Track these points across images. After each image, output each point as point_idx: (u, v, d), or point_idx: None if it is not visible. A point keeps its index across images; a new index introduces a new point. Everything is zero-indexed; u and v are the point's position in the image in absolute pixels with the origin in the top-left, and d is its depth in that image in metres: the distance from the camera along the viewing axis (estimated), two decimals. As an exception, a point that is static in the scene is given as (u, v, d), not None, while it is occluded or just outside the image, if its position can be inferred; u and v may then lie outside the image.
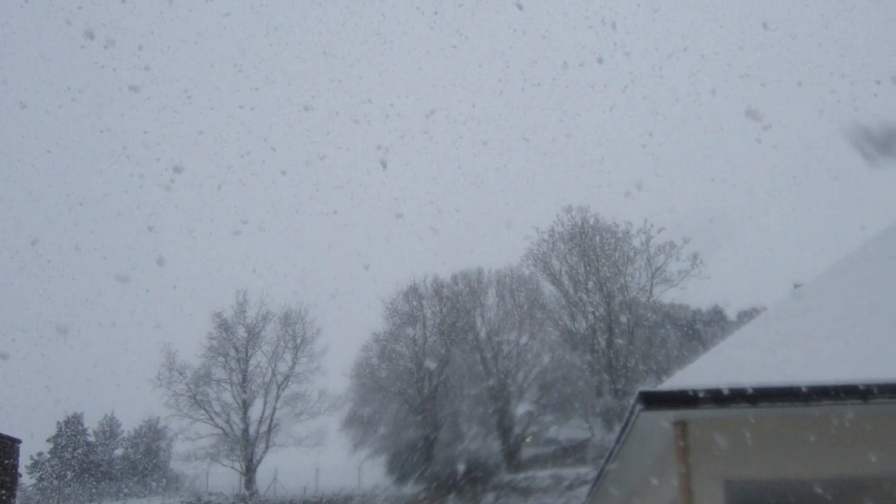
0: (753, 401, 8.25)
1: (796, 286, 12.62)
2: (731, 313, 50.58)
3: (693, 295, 51.86)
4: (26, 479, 52.40)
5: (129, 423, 59.78)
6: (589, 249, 49.95)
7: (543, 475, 43.98)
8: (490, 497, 43.32)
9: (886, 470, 8.56)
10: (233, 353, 52.03)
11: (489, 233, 70.58)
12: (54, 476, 54.15)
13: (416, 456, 46.79)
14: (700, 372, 9.45)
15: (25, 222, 69.34)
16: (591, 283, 50.14)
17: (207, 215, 72.94)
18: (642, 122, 69.46)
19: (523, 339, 49.10)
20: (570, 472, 42.96)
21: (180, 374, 51.09)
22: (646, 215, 49.21)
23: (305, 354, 52.79)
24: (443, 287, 51.97)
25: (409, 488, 46.56)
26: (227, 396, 51.69)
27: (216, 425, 50.95)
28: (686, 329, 51.43)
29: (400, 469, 47.80)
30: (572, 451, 45.87)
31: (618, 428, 10.96)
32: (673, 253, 48.94)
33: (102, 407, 59.03)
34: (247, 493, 49.35)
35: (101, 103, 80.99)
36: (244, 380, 51.87)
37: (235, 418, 51.40)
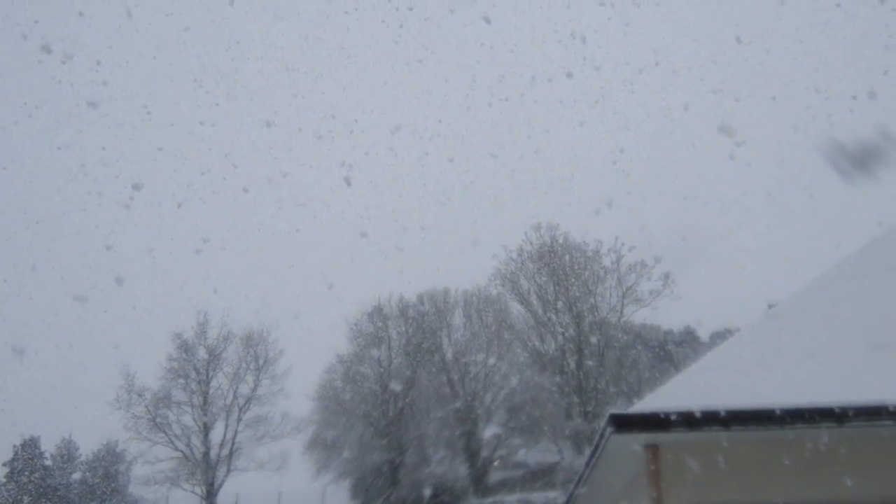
0: (726, 424, 8.18)
1: (770, 306, 12.50)
2: (703, 334, 50.77)
3: (665, 315, 51.84)
4: (-20, 504, 51.04)
5: (88, 447, 58.56)
6: (558, 269, 49.83)
7: (511, 499, 43.58)
8: (457, 521, 42.87)
9: (862, 494, 8.43)
10: (193, 374, 51.30)
11: (456, 252, 70.30)
12: (10, 501, 52.79)
13: (381, 480, 46.18)
14: (672, 394, 9.36)
15: (-20, 241, 67.72)
16: (560, 303, 49.98)
17: (167, 234, 71.90)
18: (613, 138, 69.87)
19: (491, 361, 48.81)
20: (538, 497, 42.60)
21: (139, 396, 50.26)
22: (616, 234, 49.20)
23: (268, 376, 52.21)
24: (408, 307, 51.62)
25: (374, 513, 45.94)
26: (187, 419, 50.90)
27: (176, 448, 50.12)
28: (658, 350, 51.47)
29: (365, 493, 47.18)
30: (541, 475, 45.47)
31: (588, 451, 10.73)
32: (644, 272, 48.93)
33: (60, 430, 57.83)
34: (207, 518, 48.40)
35: (59, 119, 79.66)
36: (205, 402, 51.09)
37: (196, 441, 50.56)
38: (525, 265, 51.18)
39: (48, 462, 57.35)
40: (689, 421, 8.11)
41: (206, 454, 50.35)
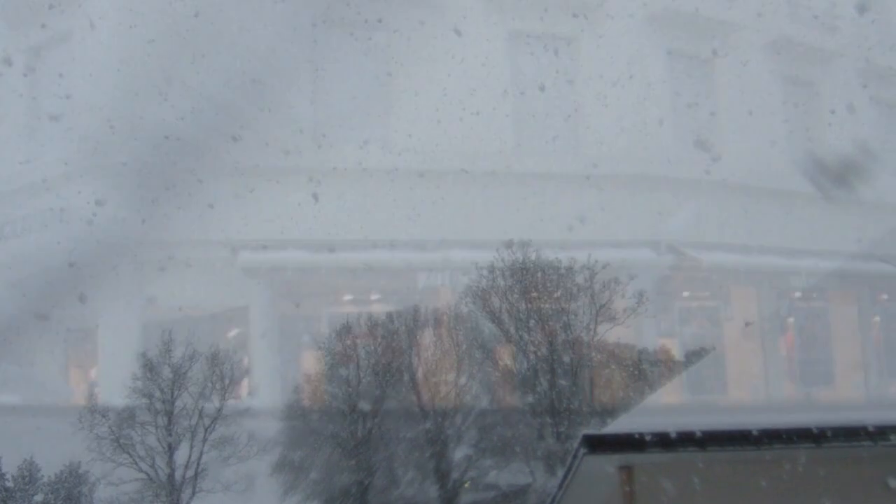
0: (702, 445, 8.02)
1: (747, 324, 12.44)
2: (678, 353, 50.78)
3: (639, 334, 51.69)
4: (-65, 530, 49.73)
5: (49, 468, 57.34)
6: (530, 286, 49.71)
7: (481, 520, 43.23)
8: (426, 544, 42.46)
9: (840, 517, 8.30)
10: (158, 394, 50.45)
11: (425, 268, 69.97)
12: (-34, 525, 51.48)
13: (349, 502, 45.52)
14: (647, 414, 9.13)
15: (-59, 258, 66.27)
16: (532, 322, 49.80)
17: (131, 251, 70.59)
18: (586, 152, 70.07)
19: (462, 380, 48.47)
20: (508, 517, 42.30)
21: (103, 416, 49.31)
22: (590, 250, 49.11)
23: (234, 396, 51.48)
24: (377, 325, 51.20)
25: (343, 535, 45.45)
26: (151, 440, 49.98)
27: (140, 470, 49.13)
28: (632, 370, 51.50)
29: (333, 515, 46.62)
30: (512, 497, 45.01)
31: (560, 473, 10.56)
32: (618, 290, 48.91)
33: (21, 451, 56.57)
34: (171, 541, 47.59)
35: (21, 133, 78.62)
36: (169, 422, 50.19)
37: (160, 462, 49.52)
38: (496, 283, 51.06)
39: (9, 484, 56.09)
40: (664, 442, 7.94)
41: (171, 475, 49.37)
